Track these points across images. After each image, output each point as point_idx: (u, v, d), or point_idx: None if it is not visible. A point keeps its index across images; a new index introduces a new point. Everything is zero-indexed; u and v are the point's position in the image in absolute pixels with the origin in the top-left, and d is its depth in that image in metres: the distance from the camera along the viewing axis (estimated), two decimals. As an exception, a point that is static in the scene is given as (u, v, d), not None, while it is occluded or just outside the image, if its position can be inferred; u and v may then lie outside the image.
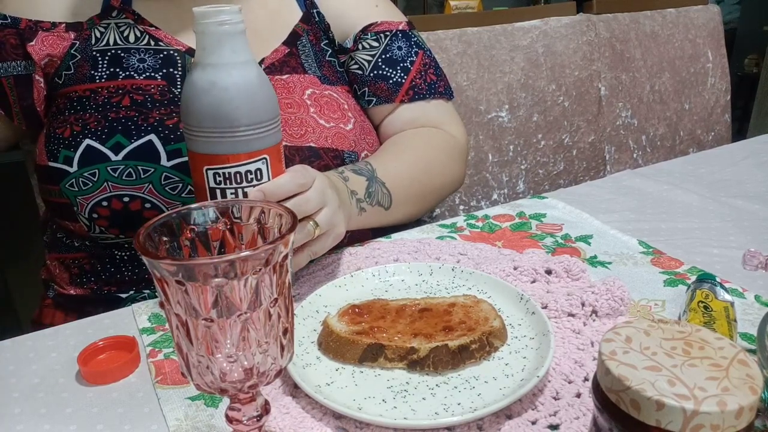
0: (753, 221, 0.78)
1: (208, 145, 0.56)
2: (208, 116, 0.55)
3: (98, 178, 0.70)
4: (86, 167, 0.70)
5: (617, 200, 0.87)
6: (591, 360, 0.52)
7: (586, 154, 1.47)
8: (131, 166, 0.69)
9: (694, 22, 1.59)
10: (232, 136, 0.55)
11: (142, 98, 0.73)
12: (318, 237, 0.61)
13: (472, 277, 0.62)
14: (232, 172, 0.56)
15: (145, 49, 0.76)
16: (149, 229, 0.37)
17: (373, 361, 0.51)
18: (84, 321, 0.61)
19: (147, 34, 0.77)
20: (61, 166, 0.71)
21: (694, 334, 0.34)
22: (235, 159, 0.55)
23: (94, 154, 0.70)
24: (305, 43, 0.84)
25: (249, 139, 0.56)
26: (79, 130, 0.71)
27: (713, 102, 1.65)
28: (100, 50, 0.75)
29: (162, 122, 0.72)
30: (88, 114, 0.72)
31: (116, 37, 0.76)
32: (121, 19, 0.77)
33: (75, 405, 0.50)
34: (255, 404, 0.40)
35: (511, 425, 0.45)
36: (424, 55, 0.89)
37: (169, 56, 0.76)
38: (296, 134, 0.76)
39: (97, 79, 0.74)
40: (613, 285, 0.58)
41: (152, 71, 0.75)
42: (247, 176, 0.56)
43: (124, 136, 0.70)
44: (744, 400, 0.29)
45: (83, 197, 0.70)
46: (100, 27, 0.76)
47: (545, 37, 1.38)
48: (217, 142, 0.55)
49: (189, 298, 0.35)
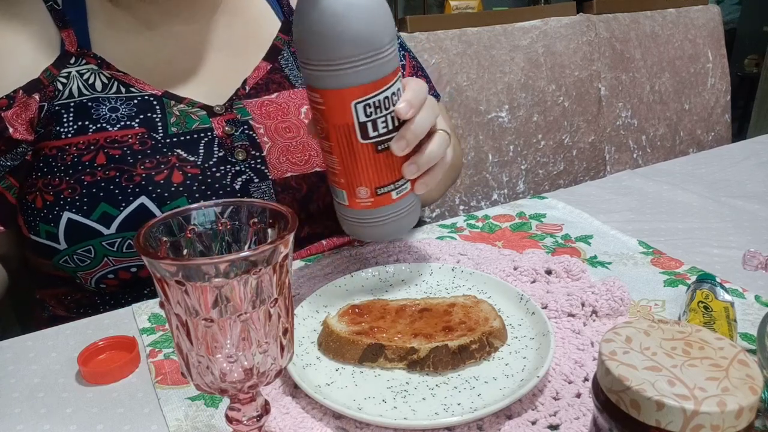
0: (753, 221, 0.78)
1: (355, 76, 0.50)
2: (353, 42, 0.49)
3: (95, 255, 0.63)
4: (77, 245, 0.63)
5: (617, 200, 0.87)
6: (591, 360, 0.52)
7: (586, 154, 1.47)
8: (129, 237, 0.62)
9: (694, 22, 1.59)
10: (379, 57, 0.50)
11: (120, 152, 0.64)
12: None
13: (472, 277, 0.62)
14: (381, 98, 0.51)
15: (116, 97, 0.67)
16: (149, 229, 0.37)
17: (373, 361, 0.51)
18: (84, 321, 0.61)
19: (115, 79, 0.68)
20: (46, 242, 0.63)
21: (694, 335, 0.34)
22: (383, 83, 0.51)
23: (81, 230, 0.62)
24: (287, 57, 0.78)
25: (391, 57, 0.51)
26: (52, 200, 0.62)
27: (713, 102, 1.65)
28: (63, 104, 0.65)
29: (150, 179, 0.63)
30: (57, 179, 0.62)
31: (80, 85, 0.66)
32: (82, 66, 0.67)
33: (75, 405, 0.50)
34: (255, 404, 0.40)
35: (511, 425, 0.45)
36: (410, 57, 0.86)
37: (145, 101, 0.68)
38: (300, 161, 0.72)
39: (63, 135, 0.64)
40: (613, 285, 0.58)
41: (127, 119, 0.66)
42: (393, 99, 0.53)
43: (109, 204, 0.62)
44: (744, 400, 0.29)
45: (84, 273, 0.64)
46: (60, 78, 0.66)
47: (545, 37, 1.38)
48: (366, 68, 0.50)
49: (189, 298, 0.35)
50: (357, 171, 0.55)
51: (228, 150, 0.69)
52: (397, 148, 0.54)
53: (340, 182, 0.57)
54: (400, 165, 0.56)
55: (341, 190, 0.57)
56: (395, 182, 0.56)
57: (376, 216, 0.57)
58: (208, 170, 0.68)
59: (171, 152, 0.67)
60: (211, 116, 0.70)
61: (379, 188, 0.56)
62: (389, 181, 0.56)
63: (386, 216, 0.57)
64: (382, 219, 0.57)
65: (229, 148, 0.69)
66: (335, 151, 0.55)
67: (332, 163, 0.56)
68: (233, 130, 0.70)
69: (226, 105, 0.72)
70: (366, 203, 0.56)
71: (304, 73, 0.53)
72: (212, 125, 0.70)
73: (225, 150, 0.69)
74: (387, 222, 0.58)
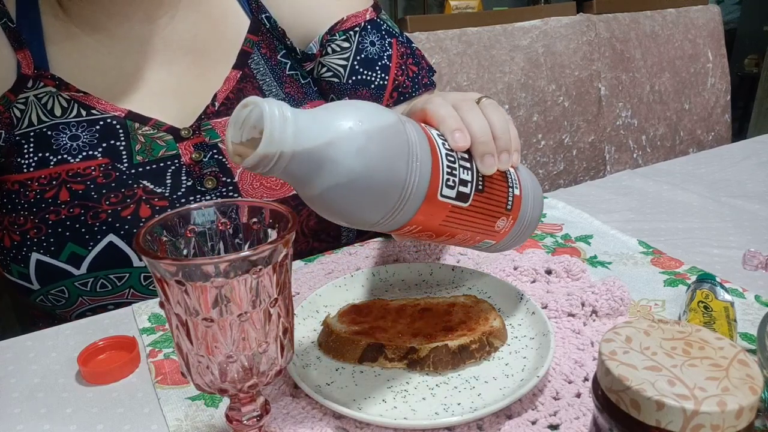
0: (753, 221, 0.78)
1: (411, 207, 0.44)
2: (392, 185, 0.41)
3: (69, 295, 0.61)
4: (49, 285, 0.61)
5: (617, 200, 0.87)
6: (591, 360, 0.52)
7: (586, 154, 1.47)
8: (101, 276, 0.60)
9: (694, 22, 1.59)
10: (413, 168, 0.42)
11: (83, 187, 0.61)
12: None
13: (472, 277, 0.62)
14: (444, 167, 0.45)
15: (77, 123, 0.63)
16: (149, 229, 0.37)
17: (373, 361, 0.51)
18: (84, 321, 0.61)
19: (75, 101, 0.64)
20: (20, 282, 0.61)
21: (694, 334, 0.34)
22: (436, 166, 0.44)
23: (51, 271, 0.60)
24: (258, 61, 0.72)
25: (418, 151, 0.43)
26: (19, 241, 0.60)
27: (713, 102, 1.65)
28: (23, 133, 0.62)
29: (117, 215, 0.61)
30: (22, 217, 0.60)
31: (39, 112, 0.63)
32: (40, 89, 0.63)
33: (75, 405, 0.50)
34: (255, 404, 0.40)
35: (511, 425, 0.45)
36: (398, 43, 0.78)
37: (107, 126, 0.64)
38: (276, 185, 0.67)
39: (25, 168, 0.61)
40: (613, 285, 0.58)
41: (89, 149, 0.63)
42: (445, 152, 0.46)
43: (76, 244, 0.59)
44: (744, 400, 0.29)
45: (62, 311, 0.63)
46: (17, 104, 0.63)
47: (545, 37, 1.38)
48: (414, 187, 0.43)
49: (189, 298, 0.35)
50: (483, 221, 0.50)
51: (196, 178, 0.66)
52: (488, 170, 0.48)
53: (477, 239, 0.52)
54: (501, 173, 0.50)
55: (484, 242, 0.53)
56: (509, 188, 0.51)
57: (521, 219, 0.53)
58: (176, 201, 0.65)
59: (137, 184, 0.64)
60: (177, 141, 0.67)
61: (507, 206, 0.51)
62: (506, 195, 0.51)
63: (526, 209, 0.53)
64: (527, 215, 0.53)
65: (198, 176, 0.66)
66: (459, 234, 0.50)
67: (463, 241, 0.51)
68: (201, 156, 0.67)
69: (194, 127, 0.68)
70: (508, 226, 0.52)
71: (376, 229, 0.46)
72: (179, 151, 0.67)
73: (193, 179, 0.66)
74: (532, 208, 0.54)
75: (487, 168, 0.47)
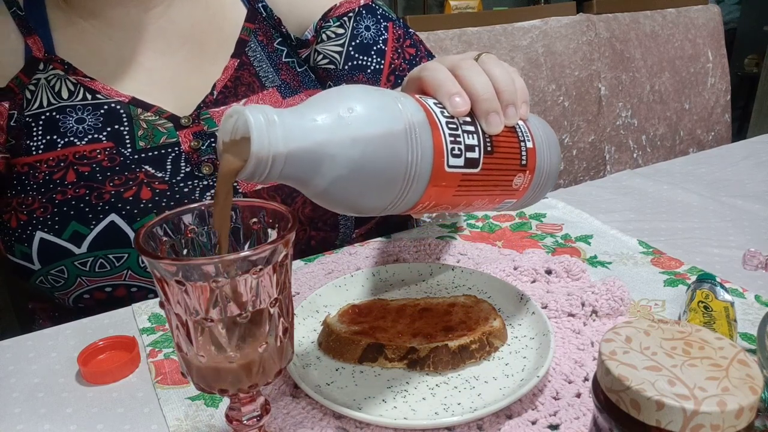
0: (753, 221, 0.78)
1: (418, 185, 0.42)
2: (393, 172, 0.40)
3: (69, 275, 0.62)
4: (50, 265, 0.62)
5: (617, 200, 0.87)
6: (591, 360, 0.52)
7: (586, 154, 1.47)
8: (101, 256, 0.62)
9: (694, 22, 1.59)
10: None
11: (89, 169, 0.63)
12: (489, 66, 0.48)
13: (472, 277, 0.62)
14: (447, 136, 0.43)
15: (82, 106, 0.65)
16: (149, 229, 0.37)
17: (373, 361, 0.51)
18: (84, 321, 0.61)
19: (81, 85, 0.66)
20: (22, 262, 0.63)
21: (694, 334, 0.34)
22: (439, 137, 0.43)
23: (53, 250, 0.61)
24: (255, 48, 0.74)
25: (414, 126, 0.41)
26: (26, 220, 0.62)
27: (713, 102, 1.65)
28: (33, 114, 0.64)
29: (120, 197, 0.63)
30: (30, 197, 0.62)
31: (48, 95, 0.65)
32: (50, 71, 0.66)
33: (75, 405, 0.50)
34: (255, 404, 0.40)
35: (511, 425, 0.45)
36: (394, 26, 0.78)
37: (112, 111, 0.66)
38: None
39: (34, 150, 0.64)
40: (613, 285, 0.58)
41: (94, 132, 0.65)
42: (444, 117, 0.44)
43: (80, 223, 0.61)
44: (744, 400, 0.29)
45: (60, 293, 0.64)
46: (30, 86, 0.66)
47: (545, 37, 1.38)
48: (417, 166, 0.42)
49: (189, 298, 0.35)
50: (499, 183, 0.48)
51: (195, 165, 0.69)
52: (494, 129, 0.46)
53: (497, 201, 0.50)
54: (509, 129, 0.48)
55: (504, 203, 0.51)
56: (520, 142, 0.49)
57: (539, 171, 0.51)
58: (175, 185, 0.67)
59: (139, 168, 0.66)
60: (178, 129, 0.69)
61: (521, 162, 0.49)
62: (518, 151, 0.48)
63: (542, 160, 0.51)
64: (544, 166, 0.51)
65: (196, 162, 0.69)
66: (476, 200, 0.48)
67: (482, 206, 0.50)
68: (199, 144, 0.69)
69: (193, 116, 0.70)
70: (527, 181, 0.50)
71: (390, 212, 0.44)
72: (179, 139, 0.69)
73: (192, 165, 0.69)
74: (549, 158, 0.51)
75: (492, 128, 0.46)
